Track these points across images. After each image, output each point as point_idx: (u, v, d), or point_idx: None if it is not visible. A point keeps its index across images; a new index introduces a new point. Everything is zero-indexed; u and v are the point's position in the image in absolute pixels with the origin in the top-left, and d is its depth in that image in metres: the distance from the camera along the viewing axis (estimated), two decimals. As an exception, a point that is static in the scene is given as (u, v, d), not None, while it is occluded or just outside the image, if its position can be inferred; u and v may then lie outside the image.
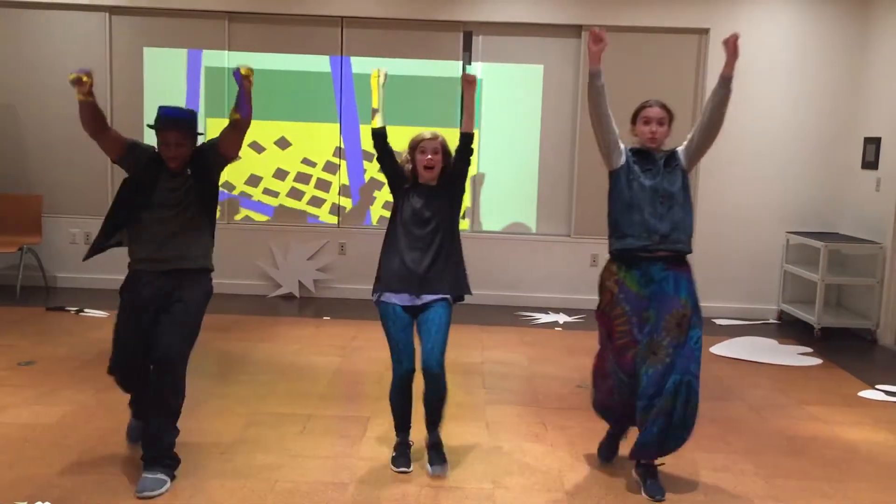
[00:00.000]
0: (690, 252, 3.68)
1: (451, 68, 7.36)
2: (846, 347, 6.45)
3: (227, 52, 7.36)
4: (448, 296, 3.77)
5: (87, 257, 3.74)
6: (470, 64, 7.40)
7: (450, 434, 4.20)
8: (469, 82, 3.79)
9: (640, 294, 3.60)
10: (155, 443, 3.52)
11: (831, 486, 3.82)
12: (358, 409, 4.62)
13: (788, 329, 7.04)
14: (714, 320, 7.22)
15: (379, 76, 3.87)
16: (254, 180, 7.54)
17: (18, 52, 7.39)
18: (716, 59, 7.12)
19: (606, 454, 3.96)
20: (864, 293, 6.86)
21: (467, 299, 3.93)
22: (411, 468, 3.79)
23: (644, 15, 7.18)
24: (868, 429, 4.62)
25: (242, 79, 3.50)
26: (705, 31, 7.21)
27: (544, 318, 7.08)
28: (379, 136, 3.81)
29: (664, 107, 3.71)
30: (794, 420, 4.72)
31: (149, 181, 3.61)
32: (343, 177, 7.53)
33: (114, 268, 7.48)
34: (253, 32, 7.38)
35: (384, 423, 4.35)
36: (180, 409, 3.61)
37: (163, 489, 3.44)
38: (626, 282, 3.64)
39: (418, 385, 3.77)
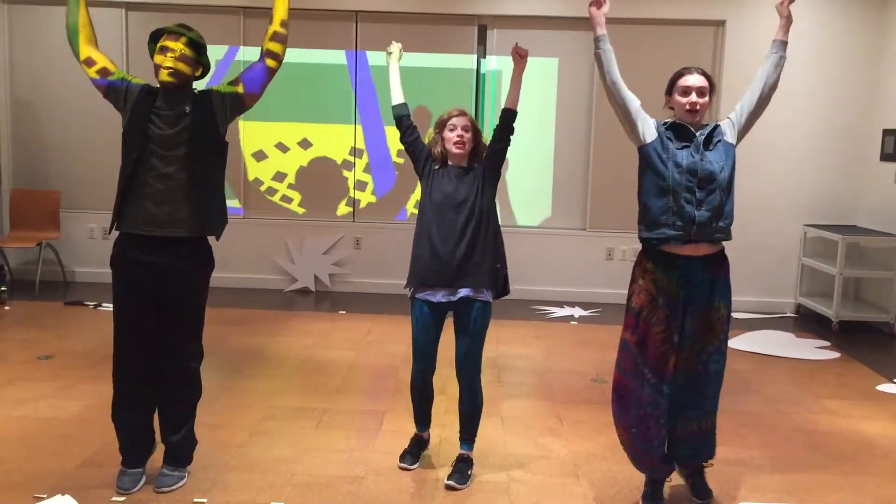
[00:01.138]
0: (730, 240, 3.28)
1: (466, 62, 7.36)
2: (864, 341, 6.41)
3: (242, 47, 7.39)
4: (487, 294, 3.51)
5: (111, 229, 3.35)
6: (485, 57, 7.39)
7: (465, 428, 4.25)
8: (521, 56, 3.56)
9: (678, 296, 3.20)
10: (178, 440, 3.46)
11: (848, 481, 3.80)
12: (374, 403, 4.64)
13: (806, 322, 7.00)
14: (731, 314, 7.18)
15: (393, 51, 3.74)
16: (279, 176, 7.62)
17: (36, 50, 7.45)
18: (732, 51, 7.11)
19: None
20: (883, 286, 6.81)
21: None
22: (415, 466, 3.75)
23: (660, 7, 7.14)
24: (886, 423, 4.59)
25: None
26: (721, 23, 7.16)
27: (559, 311, 7.07)
28: (400, 111, 3.64)
29: (705, 74, 3.25)
30: (811, 414, 4.69)
31: (140, 108, 3.22)
32: (358, 172, 7.55)
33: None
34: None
35: (400, 418, 4.37)
36: (199, 393, 3.53)
37: (181, 483, 3.46)
38: (665, 283, 3.20)
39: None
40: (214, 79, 7.40)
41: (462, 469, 3.62)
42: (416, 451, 3.80)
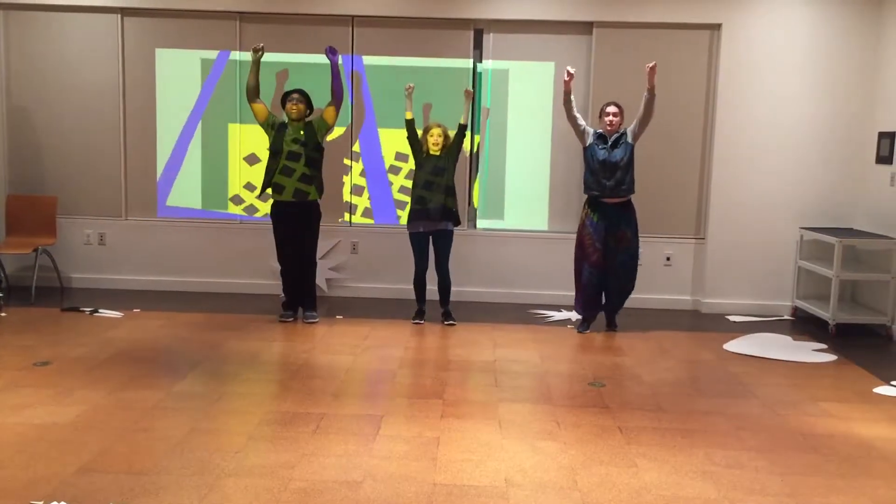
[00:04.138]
0: (633, 193, 6.26)
1: (462, 66, 7.36)
2: (861, 343, 6.41)
3: (238, 52, 7.39)
4: (452, 225, 6.47)
5: (261, 193, 6.66)
6: (481, 61, 7.40)
7: (462, 431, 4.25)
8: (466, 96, 6.49)
9: (599, 224, 6.22)
10: (309, 296, 6.53)
11: (846, 483, 3.80)
12: (371, 407, 4.63)
13: (803, 325, 7.00)
14: (728, 317, 7.19)
15: (408, 90, 6.39)
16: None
17: (31, 55, 7.44)
18: (728, 55, 7.12)
19: (583, 328, 6.48)
20: (879, 289, 6.82)
21: (479, 297, 6.93)
22: (423, 322, 6.52)
23: (655, 11, 7.15)
24: (883, 425, 4.59)
25: (334, 55, 6.20)
26: (717, 27, 7.18)
27: (557, 315, 7.07)
28: (409, 124, 6.42)
29: (618, 105, 6.19)
30: (809, 417, 4.70)
31: (279, 132, 6.24)
32: (355, 176, 7.55)
33: (127, 269, 7.55)
34: (264, 32, 7.39)
35: (397, 422, 4.37)
36: (316, 275, 6.66)
37: (317, 320, 6.52)
38: (593, 216, 6.25)
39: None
40: (210, 79, 7.42)
41: (447, 316, 6.57)
42: (422, 316, 6.59)
